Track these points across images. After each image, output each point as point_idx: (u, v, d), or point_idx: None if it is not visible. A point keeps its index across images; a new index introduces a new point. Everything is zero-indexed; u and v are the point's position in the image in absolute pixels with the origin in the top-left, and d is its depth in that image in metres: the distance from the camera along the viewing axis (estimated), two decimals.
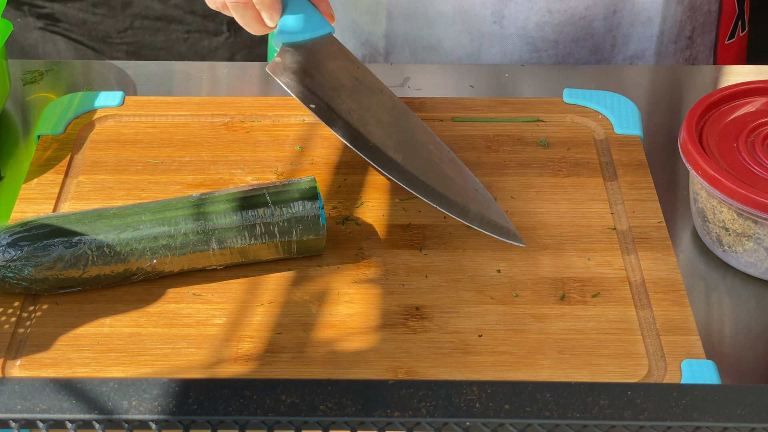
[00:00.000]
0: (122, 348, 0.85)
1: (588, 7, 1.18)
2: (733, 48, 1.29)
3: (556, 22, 1.19)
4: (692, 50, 1.25)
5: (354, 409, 0.57)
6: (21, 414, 0.56)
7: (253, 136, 1.05)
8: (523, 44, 1.20)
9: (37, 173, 1.00)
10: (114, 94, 1.09)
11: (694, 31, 1.24)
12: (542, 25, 1.19)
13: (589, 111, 1.07)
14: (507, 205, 0.97)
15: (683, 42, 1.24)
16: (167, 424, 0.57)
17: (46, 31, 1.87)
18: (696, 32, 1.24)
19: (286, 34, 0.99)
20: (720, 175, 0.90)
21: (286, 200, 0.89)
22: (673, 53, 1.24)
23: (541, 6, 1.18)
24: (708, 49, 1.26)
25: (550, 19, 1.19)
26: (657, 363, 0.84)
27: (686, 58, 1.25)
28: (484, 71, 1.17)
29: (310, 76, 0.98)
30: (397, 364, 0.84)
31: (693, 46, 1.25)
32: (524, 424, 0.57)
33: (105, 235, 0.87)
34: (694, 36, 1.24)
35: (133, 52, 1.89)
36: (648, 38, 1.21)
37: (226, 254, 0.89)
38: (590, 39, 1.21)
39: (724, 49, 1.27)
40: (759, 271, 0.93)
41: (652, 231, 0.94)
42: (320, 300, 0.88)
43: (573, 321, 0.87)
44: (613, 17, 1.19)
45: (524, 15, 1.19)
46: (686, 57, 1.25)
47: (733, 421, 0.56)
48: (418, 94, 1.13)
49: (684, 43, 1.24)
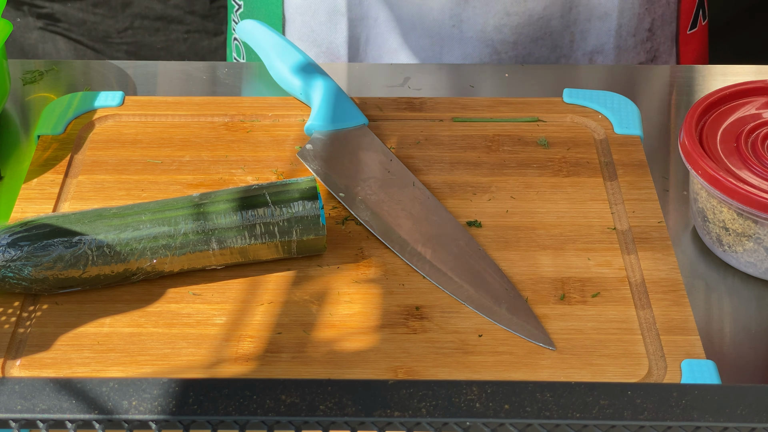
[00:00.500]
0: (122, 348, 0.85)
1: (546, 6, 1.18)
2: (695, 38, 1.28)
3: (514, 24, 1.19)
4: (653, 42, 1.25)
5: (354, 409, 0.57)
6: (21, 414, 0.56)
7: (253, 136, 1.05)
8: (483, 47, 1.20)
9: (37, 173, 1.00)
10: (114, 94, 1.09)
11: (653, 23, 1.24)
12: (501, 27, 1.19)
13: (589, 111, 1.07)
14: (507, 205, 0.97)
15: (643, 35, 1.23)
16: (167, 424, 0.57)
17: (46, 31, 1.87)
18: (656, 24, 1.24)
19: (319, 122, 1.01)
20: (720, 175, 0.90)
21: (286, 200, 0.89)
22: (633, 46, 1.23)
23: (499, 9, 1.18)
24: (670, 40, 1.26)
25: (508, 22, 1.19)
26: (657, 363, 0.84)
27: (647, 50, 1.25)
28: (484, 71, 1.17)
29: (341, 165, 0.98)
30: (397, 364, 0.84)
31: (654, 38, 1.25)
32: (524, 424, 0.57)
33: (105, 235, 0.87)
34: (654, 28, 1.24)
35: (133, 52, 1.89)
36: (606, 33, 1.21)
37: (226, 254, 0.89)
38: (549, 37, 1.21)
39: (687, 39, 1.27)
40: (759, 271, 0.93)
41: (652, 231, 0.94)
42: (320, 300, 0.88)
43: (573, 321, 0.87)
44: (570, 14, 1.19)
45: (482, 18, 1.19)
46: (647, 49, 1.25)
47: (733, 421, 0.56)
48: (418, 94, 1.13)
49: (644, 35, 1.24)
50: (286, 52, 1.10)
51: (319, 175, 0.98)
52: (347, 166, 0.99)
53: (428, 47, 1.21)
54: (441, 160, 1.02)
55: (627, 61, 1.24)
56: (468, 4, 1.18)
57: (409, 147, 1.04)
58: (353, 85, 1.14)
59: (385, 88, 1.14)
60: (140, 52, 1.90)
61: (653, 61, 1.26)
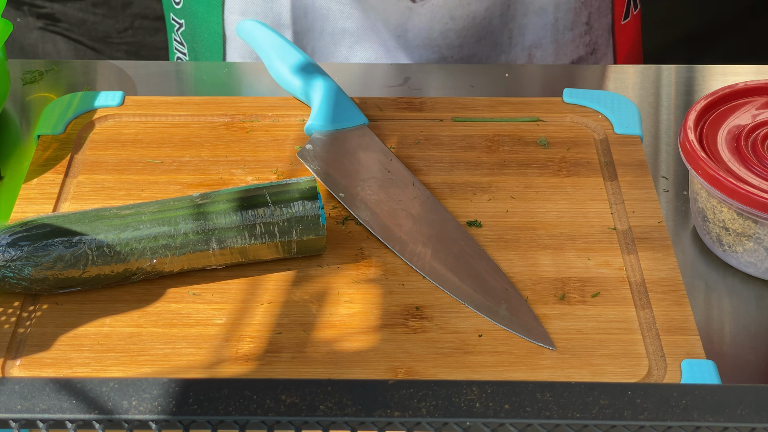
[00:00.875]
0: (122, 348, 0.85)
1: (488, 7, 1.18)
2: (629, 27, 1.29)
3: (459, 28, 1.19)
4: (591, 35, 1.25)
5: (354, 409, 0.57)
6: (21, 414, 0.56)
7: (253, 136, 1.05)
8: (430, 53, 1.21)
9: (37, 173, 1.00)
10: (114, 94, 1.09)
11: (591, 16, 1.24)
12: (446, 32, 1.20)
13: (589, 111, 1.07)
14: (507, 205, 0.97)
15: (581, 28, 1.24)
16: (167, 424, 0.57)
17: (46, 31, 1.87)
18: (593, 17, 1.25)
19: (319, 122, 1.01)
20: (720, 175, 0.90)
21: (286, 200, 0.89)
22: (571, 40, 1.24)
23: (444, 14, 1.19)
24: (606, 31, 1.26)
25: (453, 26, 1.19)
26: (657, 363, 0.84)
27: (586, 43, 1.25)
28: (484, 71, 1.17)
29: (341, 165, 0.98)
30: (397, 364, 0.84)
31: (592, 31, 1.25)
32: (524, 424, 0.57)
33: (105, 235, 0.87)
34: (592, 21, 1.25)
35: (133, 52, 1.90)
36: (543, 27, 1.22)
37: (226, 254, 0.89)
38: (490, 37, 1.21)
39: (621, 29, 1.28)
40: (759, 271, 0.93)
41: (652, 231, 0.94)
42: (320, 300, 0.88)
43: (573, 321, 0.87)
44: (508, 11, 1.20)
45: (428, 25, 1.19)
46: (586, 42, 1.25)
47: (733, 421, 0.56)
48: (418, 94, 1.13)
49: (582, 29, 1.24)
50: (286, 52, 1.10)
51: (319, 175, 0.98)
52: (347, 166, 0.99)
53: (374, 58, 1.22)
54: (441, 160, 1.02)
55: (566, 55, 1.25)
56: (413, 12, 1.18)
57: (409, 147, 1.04)
58: (353, 85, 1.14)
59: (385, 88, 1.14)
60: (140, 52, 1.90)
61: (593, 54, 1.27)
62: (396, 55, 1.21)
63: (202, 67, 1.20)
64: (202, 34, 1.28)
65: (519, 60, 1.23)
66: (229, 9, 1.25)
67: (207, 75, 1.18)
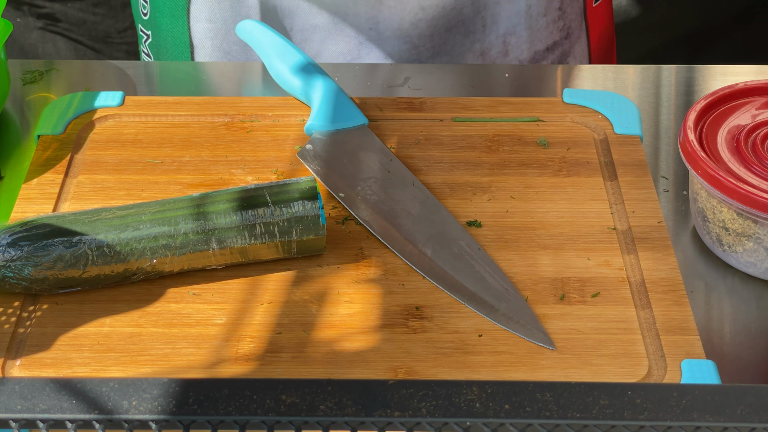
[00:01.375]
0: (122, 348, 0.85)
1: None
2: (600, 10, 1.29)
3: (429, 17, 1.20)
4: (564, 20, 1.25)
5: (354, 409, 0.57)
6: (21, 414, 0.56)
7: (253, 136, 1.05)
8: (402, 44, 1.21)
9: (37, 173, 1.00)
10: (114, 94, 1.09)
11: (563, 1, 1.24)
12: (417, 22, 1.20)
13: (589, 111, 1.07)
14: (507, 205, 0.97)
15: (554, 14, 1.24)
16: (167, 424, 0.57)
17: (46, 31, 1.87)
18: (565, 2, 1.25)
19: (319, 122, 1.01)
20: (720, 175, 0.90)
21: (286, 200, 0.89)
22: (545, 26, 1.24)
23: (414, 5, 1.19)
24: (579, 15, 1.27)
25: (423, 16, 1.19)
26: (657, 363, 0.84)
27: (560, 28, 1.25)
28: (484, 71, 1.17)
29: (341, 165, 0.98)
30: (397, 364, 0.84)
31: (565, 16, 1.25)
32: (524, 424, 0.57)
33: (105, 235, 0.87)
34: (564, 6, 1.25)
35: (133, 52, 1.89)
36: (516, 14, 1.22)
37: (226, 254, 0.89)
38: (462, 25, 1.21)
39: (593, 12, 1.28)
40: (759, 271, 0.93)
41: (652, 231, 0.94)
42: (320, 300, 0.89)
43: (573, 321, 0.87)
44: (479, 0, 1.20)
45: (398, 16, 1.19)
46: (560, 28, 1.25)
47: (733, 421, 0.56)
48: (418, 94, 1.13)
49: (555, 14, 1.24)
50: (286, 52, 1.10)
51: (319, 175, 0.98)
52: (347, 166, 0.99)
53: (347, 51, 1.22)
54: (441, 160, 1.02)
55: (540, 41, 1.25)
56: (383, 5, 1.18)
57: (409, 147, 1.04)
58: (353, 85, 1.14)
59: (385, 88, 1.14)
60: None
61: (567, 38, 1.27)
62: (367, 47, 1.21)
63: (202, 67, 1.20)
64: (168, 44, 1.27)
65: (494, 48, 1.23)
66: (195, 17, 1.24)
67: (207, 75, 1.18)
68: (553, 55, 1.26)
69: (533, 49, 1.24)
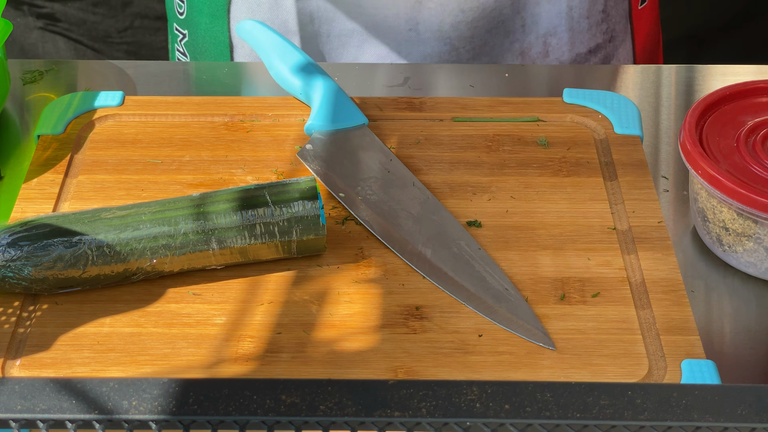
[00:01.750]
0: (122, 348, 0.85)
1: None
2: (646, 12, 1.29)
3: (470, 20, 1.19)
4: (609, 23, 1.25)
5: (354, 409, 0.57)
6: (21, 414, 0.56)
7: (253, 136, 1.05)
8: (441, 45, 1.21)
9: (37, 173, 1.00)
10: (114, 93, 1.09)
11: (607, 3, 1.24)
12: (457, 24, 1.20)
13: (589, 111, 1.07)
14: (507, 205, 0.97)
15: (597, 16, 1.24)
16: (167, 424, 0.57)
17: (46, 31, 1.87)
18: (609, 4, 1.25)
19: (319, 122, 1.01)
20: (720, 175, 0.90)
21: (286, 200, 0.89)
22: (587, 28, 1.24)
23: (453, 7, 1.19)
24: (624, 18, 1.26)
25: (464, 18, 1.19)
26: (657, 363, 0.84)
27: (604, 31, 1.25)
28: (484, 71, 1.17)
29: (341, 165, 0.99)
30: (397, 364, 0.84)
31: (609, 18, 1.25)
32: (524, 424, 0.57)
33: (105, 234, 0.87)
34: (608, 9, 1.25)
35: (133, 51, 1.89)
36: (557, 15, 1.22)
37: (226, 254, 0.89)
38: (502, 26, 1.21)
39: (639, 14, 1.28)
40: (759, 271, 0.93)
41: (652, 231, 0.94)
42: (320, 300, 0.88)
43: (573, 321, 0.87)
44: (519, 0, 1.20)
45: (438, 18, 1.19)
46: (603, 30, 1.25)
47: (733, 421, 0.56)
48: (418, 94, 1.13)
49: (599, 17, 1.24)
50: (286, 52, 1.10)
51: (319, 175, 0.98)
52: (347, 166, 0.99)
53: (386, 54, 1.22)
54: (441, 160, 1.02)
55: (582, 43, 1.25)
56: (423, 6, 1.18)
57: (409, 147, 1.04)
58: (353, 85, 1.14)
59: (385, 88, 1.14)
60: (140, 52, 1.90)
61: (611, 41, 1.26)
62: (407, 48, 1.21)
63: (202, 67, 1.20)
64: (207, 44, 1.28)
65: (534, 48, 1.23)
66: (235, 18, 1.25)
67: (207, 75, 1.18)
68: (595, 58, 1.26)
69: (575, 51, 1.24)
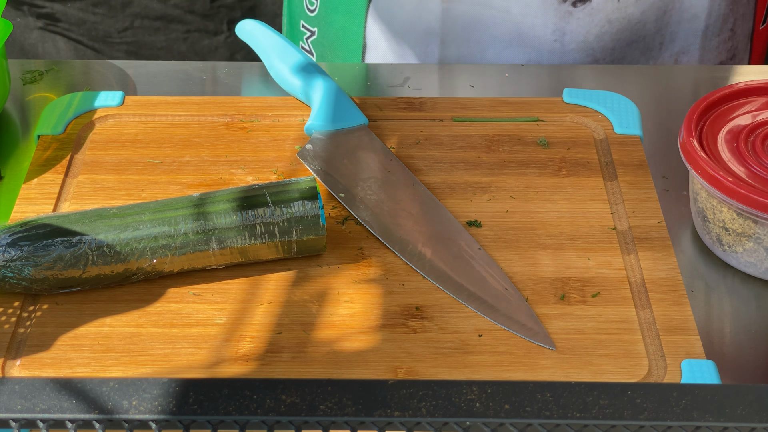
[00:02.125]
0: (122, 348, 0.85)
1: (643, 11, 1.18)
2: (765, 32, 1.29)
3: (614, 31, 1.19)
4: (733, 41, 1.26)
5: (354, 409, 0.57)
6: (21, 414, 0.56)
7: (253, 136, 1.05)
8: (583, 56, 1.21)
9: (37, 173, 1.00)
10: (114, 93, 1.09)
11: (735, 22, 1.24)
12: (602, 35, 1.19)
13: (589, 111, 1.07)
14: (507, 205, 0.97)
15: (726, 34, 1.24)
16: (167, 424, 0.57)
17: (46, 31, 1.87)
18: (737, 23, 1.25)
19: (319, 122, 1.01)
20: (720, 175, 0.90)
21: (286, 200, 0.89)
22: (716, 46, 1.24)
23: (601, 18, 1.18)
24: (746, 36, 1.27)
25: (609, 29, 1.19)
26: (657, 363, 0.84)
27: (728, 49, 1.26)
28: (484, 71, 1.17)
29: (341, 165, 0.99)
30: (397, 364, 0.84)
31: (735, 36, 1.25)
32: (524, 424, 0.57)
33: (105, 235, 0.87)
34: (736, 27, 1.25)
35: (133, 52, 1.89)
36: (693, 33, 1.22)
37: (226, 254, 0.89)
38: (642, 41, 1.21)
39: (759, 34, 1.28)
40: (759, 271, 0.93)
41: (652, 231, 0.94)
42: (320, 300, 0.88)
43: (573, 321, 0.87)
44: (663, 17, 1.20)
45: (585, 29, 1.19)
46: (728, 48, 1.26)
47: (733, 421, 0.56)
48: (418, 94, 1.13)
49: (726, 35, 1.24)
50: (286, 52, 1.10)
51: (319, 175, 0.98)
52: (347, 166, 0.99)
53: (525, 62, 1.21)
54: (441, 160, 1.02)
55: (709, 60, 1.25)
56: (572, 16, 1.18)
57: (409, 147, 1.04)
58: (353, 85, 1.14)
59: (385, 88, 1.14)
60: (140, 52, 1.90)
61: (732, 59, 1.27)
62: (548, 57, 1.20)
63: (202, 67, 1.19)
64: (339, 43, 1.27)
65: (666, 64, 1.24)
66: (373, 17, 1.24)
67: (207, 75, 1.18)
68: None
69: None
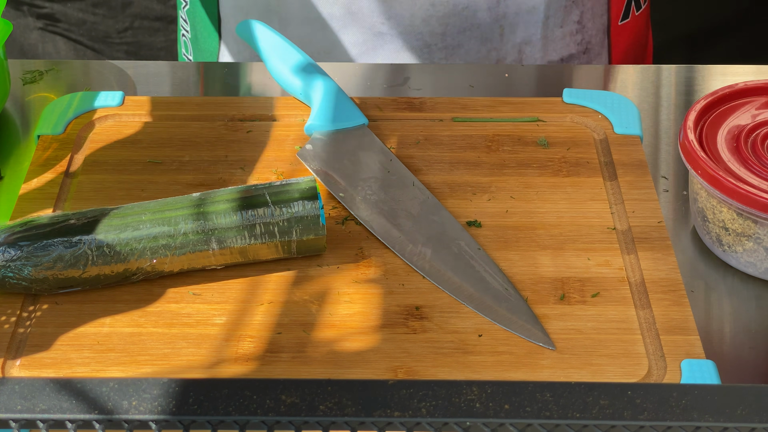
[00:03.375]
0: (122, 348, 0.85)
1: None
2: (628, 28, 1.30)
3: (440, 15, 1.21)
4: (584, 34, 1.26)
5: (354, 409, 0.57)
6: (21, 414, 0.57)
7: (253, 136, 1.05)
8: (414, 40, 1.22)
9: (37, 173, 1.00)
10: (114, 94, 1.09)
11: (583, 15, 1.25)
12: (428, 19, 1.21)
13: (589, 111, 1.07)
14: (507, 205, 0.97)
15: (572, 26, 1.25)
16: (167, 424, 0.57)
17: (46, 31, 1.87)
18: (585, 17, 1.26)
19: (319, 122, 1.01)
20: (720, 175, 0.90)
21: (286, 200, 0.89)
22: (561, 38, 1.25)
23: (424, 1, 1.19)
24: (601, 32, 1.27)
25: (434, 12, 1.21)
26: (657, 363, 0.84)
27: (578, 42, 1.27)
28: (484, 71, 1.17)
29: (341, 165, 0.99)
30: (397, 364, 0.84)
31: (584, 30, 1.26)
32: (524, 424, 0.57)
33: (105, 235, 0.87)
34: (584, 21, 1.26)
35: (133, 52, 1.90)
36: (533, 24, 1.23)
37: (226, 254, 0.89)
38: (477, 29, 1.22)
39: (618, 30, 1.29)
40: (759, 271, 0.93)
41: (652, 231, 0.94)
42: (320, 300, 0.89)
43: (573, 321, 0.87)
44: (498, 8, 1.21)
45: (409, 12, 1.20)
46: (578, 41, 1.27)
47: (733, 421, 0.56)
48: (418, 94, 1.13)
49: (573, 27, 1.25)
50: (286, 52, 1.10)
51: (319, 175, 0.98)
52: (347, 166, 0.99)
53: (361, 44, 1.23)
54: (441, 160, 1.02)
55: (555, 51, 1.26)
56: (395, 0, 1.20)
57: (409, 147, 1.04)
58: (353, 85, 1.14)
59: (385, 88, 1.14)
60: (140, 52, 1.90)
61: (585, 53, 1.27)
62: (381, 40, 1.22)
63: (202, 67, 1.19)
64: (201, 13, 1.30)
65: (509, 56, 1.25)
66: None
67: (207, 75, 1.18)
68: None
69: (547, 59, 1.25)
